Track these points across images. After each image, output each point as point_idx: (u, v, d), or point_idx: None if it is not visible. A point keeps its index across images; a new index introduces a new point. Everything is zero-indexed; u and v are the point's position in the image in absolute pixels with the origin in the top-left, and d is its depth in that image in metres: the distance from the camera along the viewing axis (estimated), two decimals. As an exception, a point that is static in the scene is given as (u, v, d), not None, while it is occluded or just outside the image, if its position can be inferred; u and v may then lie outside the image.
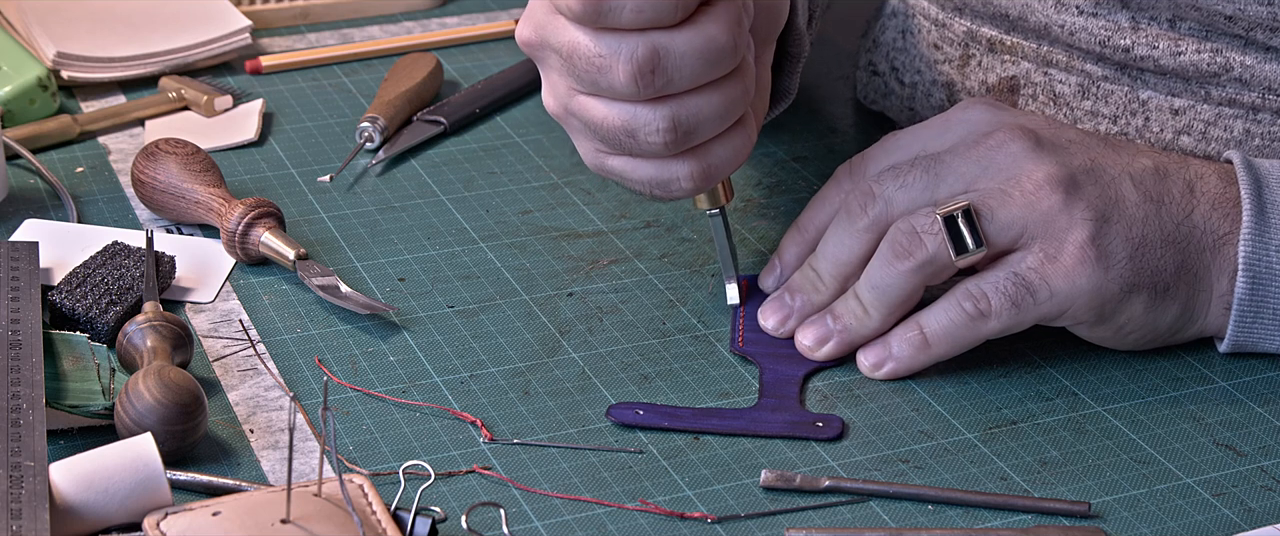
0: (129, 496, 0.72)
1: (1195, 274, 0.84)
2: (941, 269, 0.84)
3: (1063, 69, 0.97)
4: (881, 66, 1.10)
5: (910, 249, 0.83)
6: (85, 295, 0.87)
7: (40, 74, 1.09)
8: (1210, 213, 0.84)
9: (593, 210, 1.01)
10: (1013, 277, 0.83)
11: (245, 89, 1.15)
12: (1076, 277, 0.82)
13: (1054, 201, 0.83)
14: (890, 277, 0.84)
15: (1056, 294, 0.82)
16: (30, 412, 0.76)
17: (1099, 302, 0.83)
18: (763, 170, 1.06)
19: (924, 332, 0.84)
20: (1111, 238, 0.83)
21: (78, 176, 1.04)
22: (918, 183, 0.85)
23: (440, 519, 0.73)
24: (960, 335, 0.84)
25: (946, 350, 0.84)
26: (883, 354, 0.85)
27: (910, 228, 0.83)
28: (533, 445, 0.81)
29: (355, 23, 1.26)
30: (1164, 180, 0.85)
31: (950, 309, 0.84)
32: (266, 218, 0.94)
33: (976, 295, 0.83)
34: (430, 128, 1.10)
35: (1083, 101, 0.97)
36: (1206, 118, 0.93)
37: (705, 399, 0.84)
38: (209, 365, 0.86)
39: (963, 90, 1.03)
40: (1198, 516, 0.77)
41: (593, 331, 0.89)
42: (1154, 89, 0.94)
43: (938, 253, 0.83)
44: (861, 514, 0.77)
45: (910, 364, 0.85)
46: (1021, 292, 0.82)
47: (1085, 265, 0.82)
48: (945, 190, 0.85)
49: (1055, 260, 0.82)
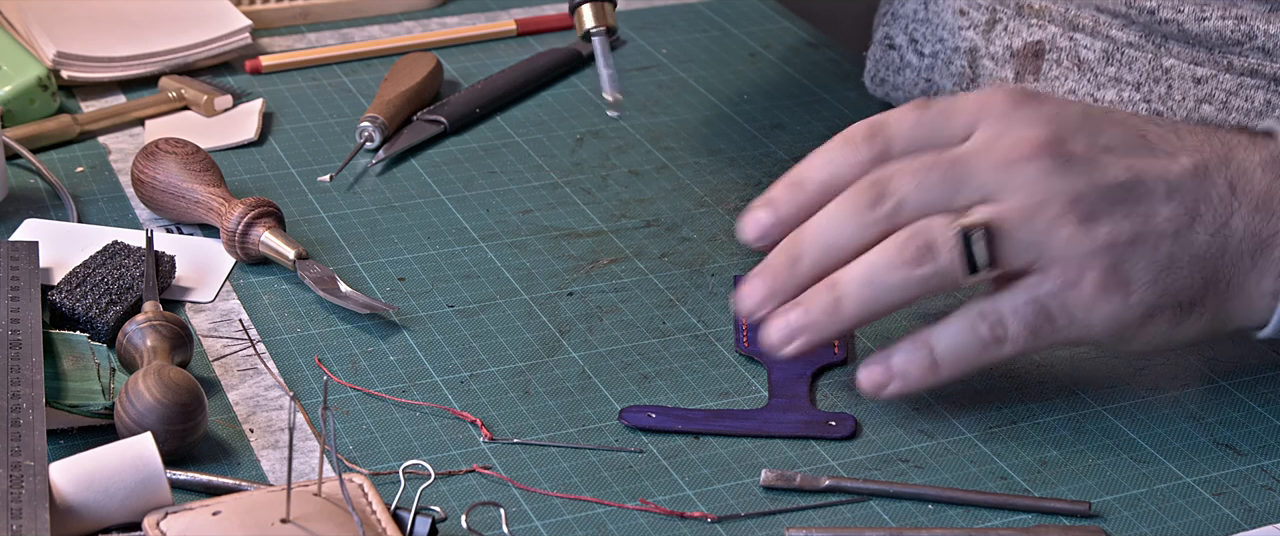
0: (129, 496, 0.72)
1: (1227, 283, 0.80)
2: (948, 285, 0.79)
3: (1088, 33, 0.96)
4: (898, 39, 1.09)
5: (921, 258, 0.78)
6: (85, 295, 0.87)
7: (40, 74, 1.09)
8: (1252, 216, 0.79)
9: (593, 210, 1.01)
10: (1032, 304, 0.78)
11: (245, 89, 1.15)
12: (1095, 305, 0.78)
13: (1076, 229, 0.78)
14: (892, 281, 0.78)
15: (1076, 321, 0.79)
16: (30, 412, 0.76)
17: (1118, 328, 0.79)
18: (762, 170, 1.06)
19: (934, 353, 0.80)
20: (1135, 263, 0.78)
21: (78, 176, 1.04)
22: (937, 184, 0.79)
23: (440, 518, 0.73)
24: (973, 358, 0.79)
25: (954, 373, 0.80)
26: (886, 374, 0.80)
27: (927, 235, 0.78)
28: (533, 445, 0.81)
29: (355, 22, 1.26)
30: (1203, 183, 0.80)
31: (964, 330, 0.79)
32: (266, 217, 0.94)
33: (993, 320, 0.79)
34: (430, 127, 1.10)
35: (1107, 67, 0.96)
36: (1228, 87, 0.92)
37: (705, 399, 0.84)
38: (209, 365, 0.86)
39: (986, 55, 1.02)
40: (1198, 516, 0.77)
41: (593, 331, 0.89)
42: (1177, 57, 0.93)
43: (949, 268, 0.78)
44: (861, 513, 0.77)
45: (917, 385, 0.80)
46: (1041, 320, 0.78)
47: (1105, 292, 0.78)
48: (964, 197, 0.79)
49: (1075, 287, 0.78)
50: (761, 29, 1.27)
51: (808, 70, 1.20)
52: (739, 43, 1.24)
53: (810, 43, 1.24)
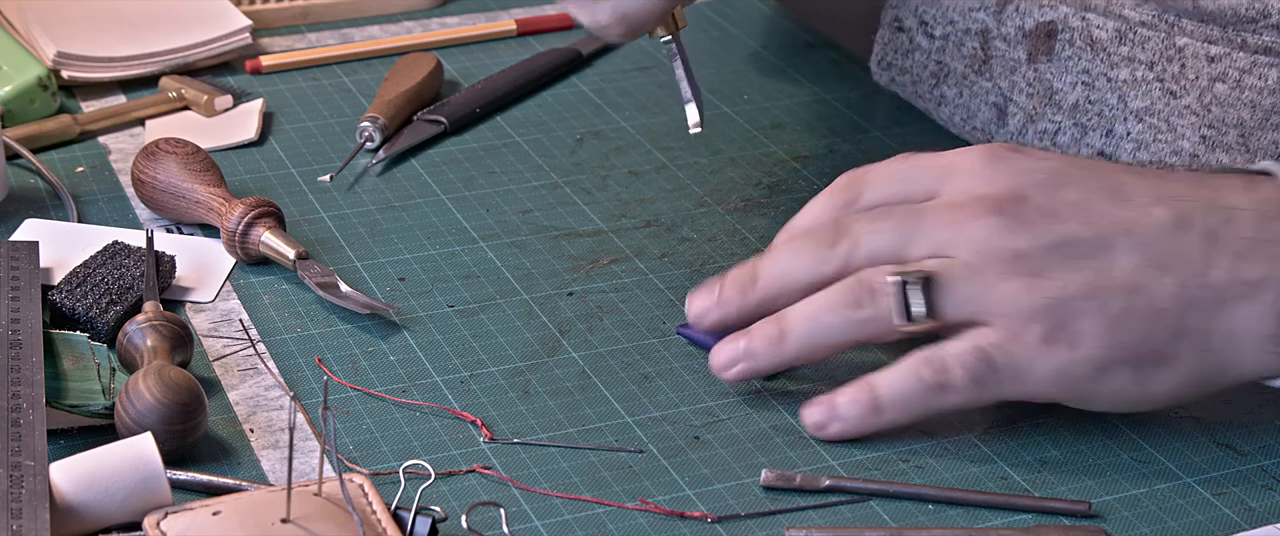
0: (129, 496, 0.72)
1: (1205, 334, 0.79)
2: (883, 330, 0.80)
3: (1101, 13, 0.96)
4: (908, 21, 1.09)
5: (860, 300, 0.80)
6: (85, 295, 0.87)
7: (40, 74, 1.09)
8: (1235, 264, 0.78)
9: (593, 210, 1.01)
10: (976, 353, 0.78)
11: (245, 89, 1.15)
12: (1038, 359, 0.78)
13: (1016, 284, 0.78)
14: (831, 320, 0.80)
15: (1020, 375, 0.79)
16: (30, 412, 0.76)
17: (1067, 382, 0.79)
18: (763, 170, 1.06)
19: (876, 396, 0.81)
20: (1083, 318, 0.78)
21: (78, 176, 1.04)
22: (890, 233, 0.81)
23: (440, 518, 0.73)
24: (916, 404, 0.80)
25: (899, 417, 0.80)
26: (828, 414, 0.81)
27: (868, 281, 0.80)
28: (533, 444, 0.81)
29: (355, 22, 1.26)
30: (1177, 233, 0.79)
31: (907, 375, 0.80)
32: (266, 217, 0.94)
33: (937, 365, 0.79)
34: (430, 127, 1.10)
35: (1120, 47, 0.96)
36: (1242, 66, 0.92)
37: (706, 399, 0.84)
38: (209, 365, 0.86)
39: (997, 36, 1.02)
40: (1198, 516, 0.77)
41: (593, 331, 0.89)
42: (1191, 36, 0.93)
43: (883, 313, 0.79)
44: (861, 513, 0.77)
45: (858, 427, 0.81)
46: (985, 370, 0.78)
47: (1050, 345, 0.78)
48: (915, 249, 0.80)
49: (1018, 339, 0.78)
50: (761, 29, 1.27)
51: (808, 70, 1.20)
52: (739, 43, 1.24)
53: (810, 43, 1.24)
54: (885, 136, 1.10)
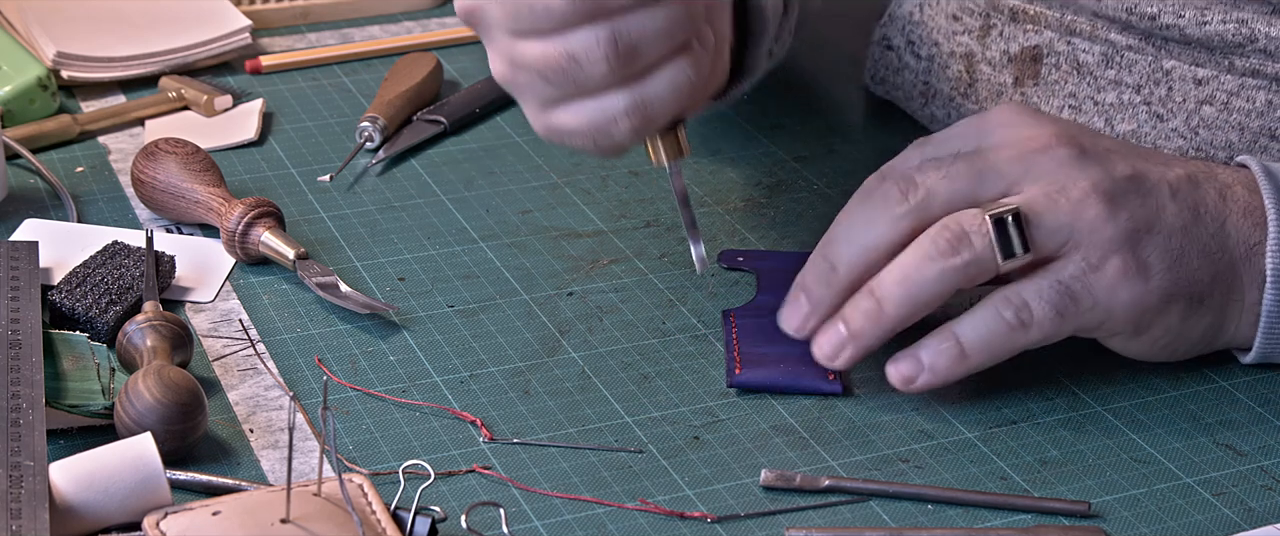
0: (129, 496, 0.72)
1: (1228, 283, 0.83)
2: (984, 272, 0.80)
3: (1086, 38, 0.97)
4: (896, 40, 1.09)
5: (956, 247, 0.79)
6: (85, 295, 0.87)
7: (40, 74, 1.09)
8: (1242, 221, 0.83)
9: (593, 210, 1.01)
10: (1057, 286, 0.80)
11: (245, 89, 1.15)
12: (1118, 288, 0.80)
13: (1099, 211, 0.80)
14: (928, 274, 0.79)
15: (1099, 303, 0.80)
16: (30, 412, 0.76)
17: (1138, 313, 0.81)
18: (763, 170, 1.06)
19: (960, 343, 0.81)
20: (1151, 249, 0.81)
21: (78, 176, 1.04)
22: (962, 176, 0.81)
23: (440, 518, 0.73)
24: (1000, 345, 0.80)
25: (983, 361, 0.81)
26: (915, 367, 0.81)
27: (959, 226, 0.79)
28: (533, 445, 0.81)
29: (355, 23, 1.26)
30: (1198, 188, 0.83)
31: (990, 318, 0.80)
32: (266, 217, 0.94)
33: (1018, 304, 0.80)
34: (430, 127, 1.10)
35: (1106, 70, 0.96)
36: (1229, 88, 0.93)
37: (706, 399, 0.84)
38: (209, 365, 0.86)
39: (982, 60, 1.02)
40: (1198, 516, 0.77)
41: (593, 331, 0.89)
42: (1178, 59, 0.94)
43: (984, 254, 0.79)
44: (861, 514, 0.77)
45: (946, 376, 0.81)
46: (1066, 301, 0.80)
47: (1127, 276, 0.80)
48: (989, 188, 0.81)
49: (1098, 269, 0.80)
50: (761, 29, 1.27)
51: (808, 70, 1.20)
52: (739, 43, 1.24)
53: (810, 43, 1.24)
54: (886, 137, 1.10)
